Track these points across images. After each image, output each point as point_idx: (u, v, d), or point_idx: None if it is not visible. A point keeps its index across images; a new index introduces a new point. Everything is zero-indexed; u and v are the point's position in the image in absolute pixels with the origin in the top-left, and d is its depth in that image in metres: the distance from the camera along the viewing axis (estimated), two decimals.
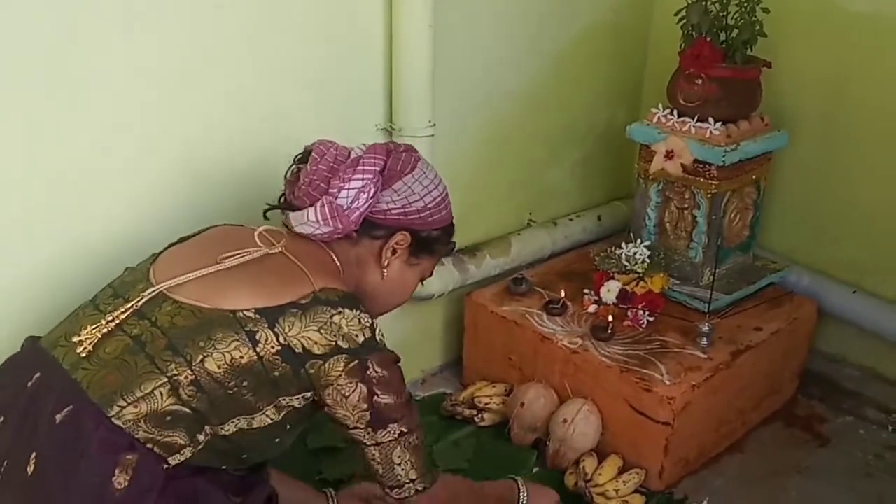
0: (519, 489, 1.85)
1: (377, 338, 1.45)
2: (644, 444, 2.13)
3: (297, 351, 1.37)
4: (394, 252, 1.60)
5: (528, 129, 2.60)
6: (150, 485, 1.29)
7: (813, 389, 2.59)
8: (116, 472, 1.27)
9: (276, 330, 1.36)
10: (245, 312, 1.36)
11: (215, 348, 1.33)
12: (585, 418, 2.17)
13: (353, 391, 1.41)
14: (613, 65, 2.78)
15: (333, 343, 1.38)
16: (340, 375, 1.40)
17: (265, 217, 1.62)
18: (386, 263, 1.61)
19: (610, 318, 2.28)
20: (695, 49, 2.26)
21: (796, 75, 2.48)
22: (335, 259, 1.55)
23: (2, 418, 1.36)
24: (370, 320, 1.44)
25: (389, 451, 1.48)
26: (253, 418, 1.39)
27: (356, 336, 1.41)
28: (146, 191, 1.82)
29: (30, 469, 1.28)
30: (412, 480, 1.52)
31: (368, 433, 1.46)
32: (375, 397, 1.43)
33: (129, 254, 1.62)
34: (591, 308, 2.38)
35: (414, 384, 2.58)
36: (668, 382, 2.09)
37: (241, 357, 1.34)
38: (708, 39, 2.25)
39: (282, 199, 1.61)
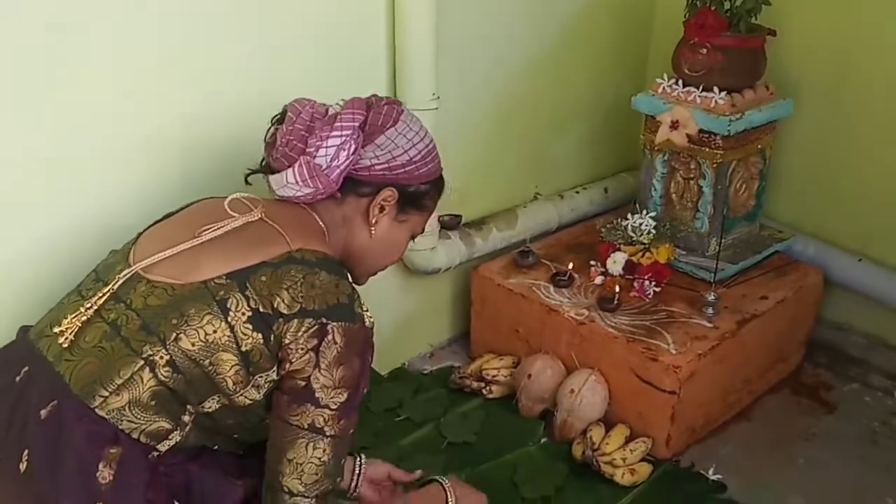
0: (447, 494, 1.70)
1: (354, 307, 1.37)
2: (651, 413, 2.15)
3: (263, 311, 1.31)
4: (381, 209, 1.54)
5: (534, 101, 2.60)
6: (135, 478, 1.27)
7: (819, 357, 2.60)
8: (100, 466, 1.25)
9: (246, 293, 1.31)
10: (216, 280, 1.32)
11: (188, 325, 1.29)
12: (592, 388, 2.18)
13: (301, 356, 1.33)
14: (619, 35, 2.77)
15: (300, 304, 1.32)
16: (298, 337, 1.32)
17: (247, 182, 1.56)
18: (374, 221, 1.54)
19: (616, 289, 2.29)
20: (699, 18, 2.25)
21: (801, 44, 2.47)
22: (319, 221, 1.50)
23: None
24: (350, 289, 1.38)
25: (289, 438, 1.35)
26: (231, 398, 1.34)
27: (327, 299, 1.34)
28: (143, 166, 1.80)
29: (22, 466, 1.26)
30: (288, 490, 1.36)
31: (283, 402, 1.35)
32: (317, 370, 1.33)
33: (122, 236, 1.57)
34: (598, 279, 2.38)
35: (422, 358, 2.60)
36: (674, 352, 2.10)
37: (215, 331, 1.30)
38: (712, 8, 2.24)
39: (262, 164, 1.54)
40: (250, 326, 1.31)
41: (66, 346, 1.31)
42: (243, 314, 1.31)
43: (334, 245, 1.51)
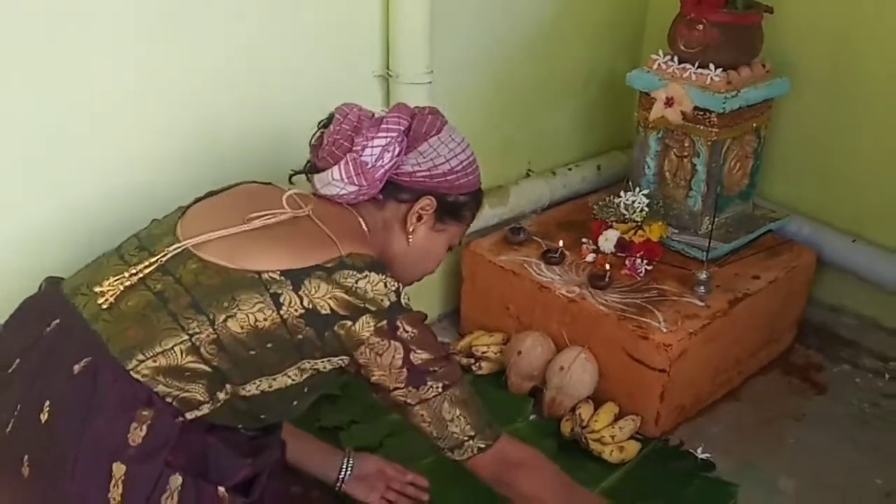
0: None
1: (402, 301, 1.42)
2: (640, 392, 2.14)
3: (322, 313, 1.36)
4: (419, 218, 1.58)
5: (527, 77, 2.57)
6: (164, 440, 1.29)
7: (811, 338, 2.60)
8: (132, 427, 1.27)
9: (300, 293, 1.35)
10: (270, 274, 1.35)
11: (239, 309, 1.33)
12: (582, 366, 2.18)
13: (387, 349, 1.40)
14: (614, 10, 2.74)
15: (360, 305, 1.37)
16: (371, 335, 1.38)
17: (290, 182, 1.59)
18: (411, 229, 1.58)
19: (608, 266, 2.28)
20: None
21: (798, 21, 2.44)
22: (363, 223, 1.53)
23: (17, 361, 1.36)
24: (396, 284, 1.42)
25: (437, 407, 1.45)
26: (275, 378, 1.38)
27: (381, 300, 1.39)
28: (149, 142, 1.81)
29: (43, 417, 1.28)
30: (470, 437, 1.47)
31: (410, 391, 1.43)
32: (412, 353, 1.41)
33: (145, 205, 1.61)
34: (590, 257, 2.37)
35: None
36: (664, 330, 2.09)
37: (265, 319, 1.34)
38: None
39: (307, 166, 1.59)
40: (303, 321, 1.35)
41: (105, 307, 1.34)
42: (296, 310, 1.35)
43: (374, 248, 1.52)
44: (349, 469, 1.83)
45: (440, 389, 1.44)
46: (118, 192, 1.78)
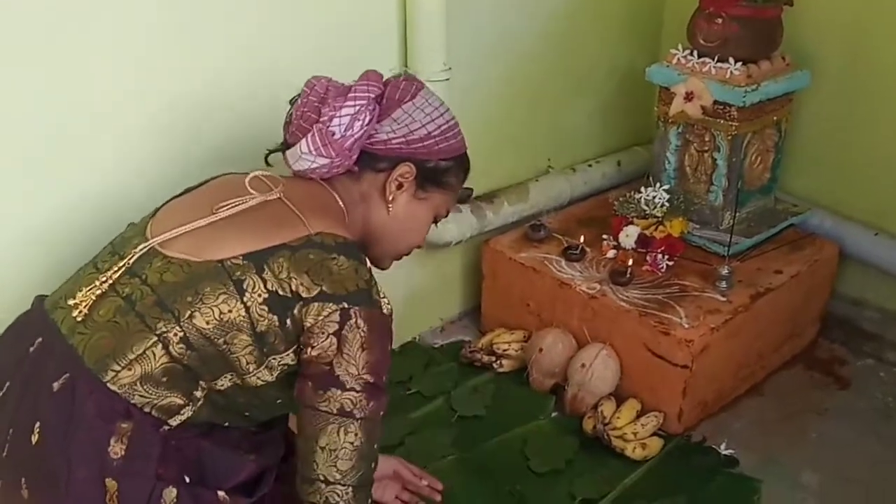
0: None
1: (372, 293, 1.35)
2: (662, 388, 2.13)
3: (282, 294, 1.30)
4: (399, 186, 1.51)
5: (545, 73, 2.57)
6: (147, 453, 1.26)
7: (834, 332, 2.58)
8: (112, 441, 1.24)
9: (263, 275, 1.30)
10: (233, 260, 1.30)
11: (203, 303, 1.28)
12: (604, 363, 2.17)
13: (323, 341, 1.31)
14: (632, 5, 2.74)
15: (319, 287, 1.30)
16: (319, 321, 1.30)
17: (266, 162, 1.54)
18: (391, 198, 1.51)
19: (629, 262, 2.27)
20: None
21: (818, 13, 2.42)
22: (338, 199, 1.48)
23: (8, 384, 1.33)
24: (368, 274, 1.36)
25: (320, 426, 1.33)
26: (244, 377, 1.33)
27: (347, 284, 1.32)
28: (150, 142, 1.80)
29: (34, 438, 1.25)
30: (324, 479, 1.33)
31: (309, 390, 1.33)
32: (339, 355, 1.31)
33: (132, 207, 1.58)
34: (610, 253, 2.37)
35: (433, 332, 2.60)
36: (686, 326, 2.08)
37: (230, 311, 1.29)
38: None
39: (281, 145, 1.53)
40: (266, 308, 1.30)
41: (79, 319, 1.31)
42: (259, 296, 1.30)
43: (354, 224, 1.49)
44: None
45: (336, 409, 1.32)
46: (119, 191, 1.77)
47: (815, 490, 2.04)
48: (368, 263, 1.41)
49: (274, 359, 1.33)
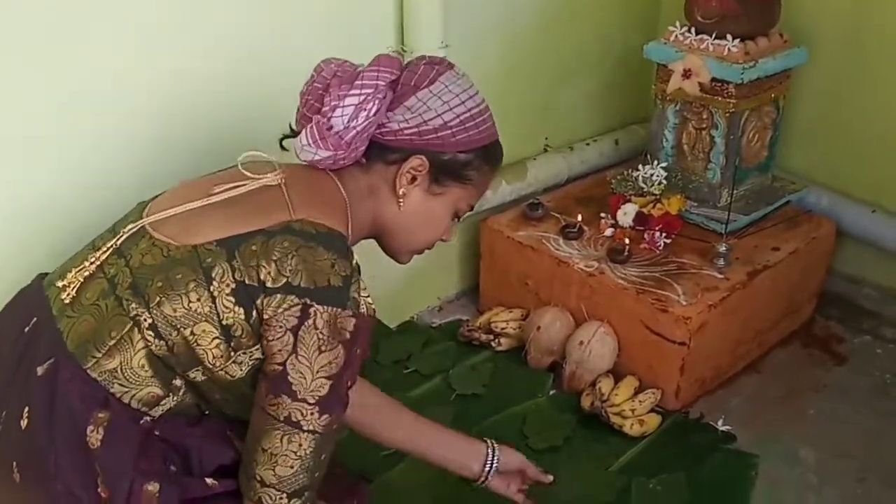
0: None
1: (346, 292, 1.23)
2: (660, 365, 2.14)
3: (248, 283, 1.21)
4: (412, 180, 1.39)
5: (543, 50, 2.56)
6: (124, 445, 1.21)
7: (831, 310, 2.59)
8: (89, 430, 1.19)
9: (233, 263, 1.21)
10: (206, 246, 1.23)
11: (172, 289, 1.21)
12: (601, 340, 2.18)
13: (280, 336, 1.21)
14: None
15: (286, 278, 1.21)
16: (278, 313, 1.21)
17: (281, 146, 1.45)
18: (401, 192, 1.39)
19: (626, 240, 2.27)
20: None
21: None
22: (342, 189, 1.37)
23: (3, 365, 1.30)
24: (348, 270, 1.24)
25: (265, 428, 1.23)
26: (213, 372, 1.25)
27: (317, 278, 1.21)
28: (146, 124, 1.79)
29: (23, 423, 1.22)
30: (260, 480, 1.25)
31: (262, 389, 1.24)
32: (293, 356, 1.21)
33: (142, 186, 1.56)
34: (608, 231, 2.37)
35: (431, 311, 2.60)
36: (684, 303, 2.09)
37: (198, 299, 1.21)
38: None
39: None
40: (233, 300, 1.22)
41: (67, 301, 1.27)
42: (227, 285, 1.22)
43: (358, 217, 1.38)
44: (496, 460, 1.62)
45: (284, 417, 1.22)
46: (119, 188, 1.74)
47: (813, 465, 2.05)
48: (355, 260, 1.29)
49: (243, 353, 1.25)
